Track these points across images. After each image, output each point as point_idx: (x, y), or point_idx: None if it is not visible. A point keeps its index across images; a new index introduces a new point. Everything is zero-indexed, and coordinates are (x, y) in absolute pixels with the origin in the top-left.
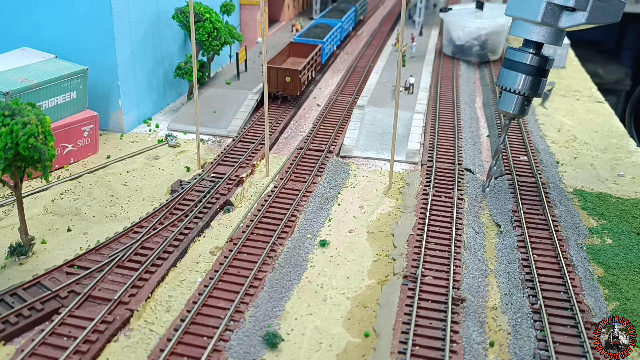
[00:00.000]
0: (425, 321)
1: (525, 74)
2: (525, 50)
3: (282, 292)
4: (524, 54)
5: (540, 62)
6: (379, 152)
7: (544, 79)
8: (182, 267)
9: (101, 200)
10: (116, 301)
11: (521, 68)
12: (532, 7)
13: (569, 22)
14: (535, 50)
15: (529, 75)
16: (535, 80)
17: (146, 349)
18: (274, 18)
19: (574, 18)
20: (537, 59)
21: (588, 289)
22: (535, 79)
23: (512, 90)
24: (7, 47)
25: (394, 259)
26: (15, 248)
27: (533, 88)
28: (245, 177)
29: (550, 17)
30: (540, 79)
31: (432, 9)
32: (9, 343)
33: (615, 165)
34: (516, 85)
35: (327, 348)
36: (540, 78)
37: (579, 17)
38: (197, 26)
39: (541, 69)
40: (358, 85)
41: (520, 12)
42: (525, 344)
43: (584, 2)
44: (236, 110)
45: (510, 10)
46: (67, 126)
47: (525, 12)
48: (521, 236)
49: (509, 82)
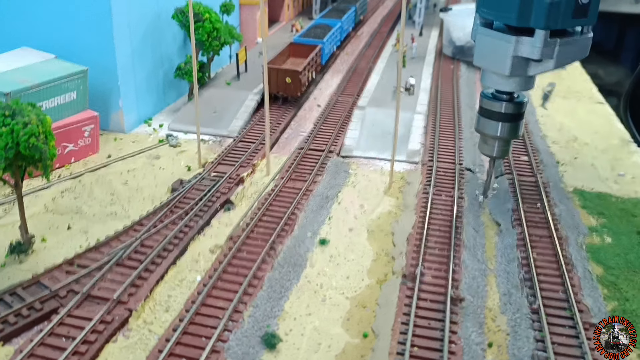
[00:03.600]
0: (424, 321)
1: (502, 122)
2: (499, 97)
3: (281, 292)
4: (499, 102)
5: (515, 109)
6: (379, 152)
7: (521, 121)
8: (181, 265)
9: (101, 199)
10: (115, 301)
11: (497, 117)
12: (499, 61)
13: (537, 70)
14: (508, 97)
15: (506, 122)
16: (513, 125)
17: (145, 350)
18: (274, 18)
19: (541, 66)
20: (511, 106)
21: (587, 288)
22: (513, 124)
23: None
24: (8, 47)
25: (393, 257)
26: (16, 246)
27: (511, 132)
28: (246, 177)
29: (518, 69)
30: (517, 123)
31: (432, 9)
32: (7, 343)
33: (616, 164)
34: (495, 132)
35: (326, 349)
36: (517, 122)
37: (546, 65)
38: (197, 26)
39: (517, 114)
40: (359, 86)
41: (488, 64)
42: (524, 344)
43: (550, 51)
44: (237, 110)
45: (478, 61)
46: (68, 126)
47: (492, 64)
48: (521, 235)
49: (487, 130)
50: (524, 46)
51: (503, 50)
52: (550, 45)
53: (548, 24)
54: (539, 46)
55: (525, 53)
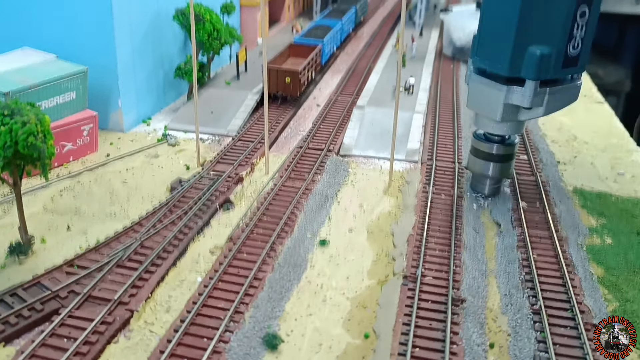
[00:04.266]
0: (425, 322)
1: (494, 162)
2: (491, 139)
3: (282, 293)
4: (490, 144)
5: (506, 150)
6: (378, 151)
7: (511, 161)
8: (182, 266)
9: (101, 198)
10: (116, 301)
11: (489, 157)
12: (491, 107)
13: (528, 116)
14: (500, 138)
15: (497, 162)
16: (504, 165)
17: (146, 351)
18: (275, 19)
19: (532, 113)
20: (503, 148)
21: (588, 289)
22: (504, 164)
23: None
24: (9, 47)
25: (393, 258)
26: (15, 247)
27: (503, 172)
28: (245, 175)
29: (509, 115)
30: (508, 163)
31: (432, 10)
32: (9, 344)
33: (615, 164)
34: (486, 172)
35: (327, 349)
36: (508, 162)
37: (537, 112)
38: (197, 27)
39: (508, 155)
40: (358, 85)
41: (480, 109)
42: (525, 345)
43: (540, 100)
44: (236, 110)
45: (471, 105)
46: (67, 125)
47: (485, 110)
48: (521, 235)
49: (478, 169)
50: (514, 95)
51: (495, 98)
52: (540, 95)
53: (538, 75)
54: (529, 96)
55: (516, 101)
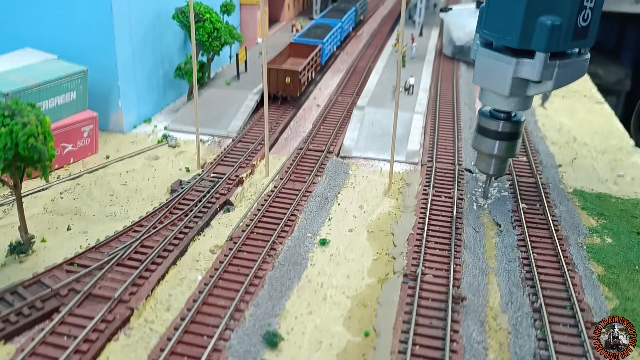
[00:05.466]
0: (426, 320)
1: (500, 140)
2: (497, 116)
3: (282, 291)
4: (496, 121)
5: (512, 128)
6: (378, 152)
7: (518, 140)
8: (182, 265)
9: (101, 199)
10: (116, 300)
11: (495, 135)
12: (499, 81)
13: (536, 91)
14: (506, 116)
15: (503, 141)
16: (510, 143)
17: (146, 348)
18: (274, 18)
19: (541, 87)
20: (509, 125)
21: (588, 288)
22: (510, 143)
23: (488, 154)
24: (11, 48)
25: (394, 257)
26: (15, 246)
27: (508, 151)
28: (245, 177)
29: (517, 90)
30: (514, 142)
31: (432, 9)
32: (9, 342)
33: (615, 165)
34: (492, 150)
35: (327, 347)
36: (514, 141)
37: (546, 86)
38: (197, 26)
39: (514, 133)
40: (358, 85)
41: (487, 84)
42: (525, 343)
43: (549, 73)
44: (236, 110)
45: (478, 81)
46: (67, 126)
47: (492, 84)
48: (521, 235)
49: (484, 148)
50: (524, 68)
51: (503, 71)
52: (550, 67)
53: (549, 47)
54: (539, 68)
55: (525, 74)
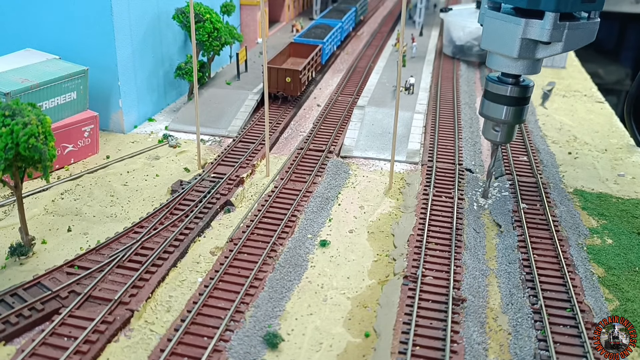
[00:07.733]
0: (426, 321)
1: (508, 105)
2: (505, 81)
3: (283, 292)
4: (504, 86)
5: (520, 92)
6: (379, 152)
7: (526, 105)
8: (182, 267)
9: (101, 200)
10: (116, 301)
11: (503, 100)
12: (507, 43)
13: (546, 53)
14: (514, 80)
15: (511, 106)
16: (518, 109)
17: (146, 349)
18: (274, 18)
19: (550, 49)
20: (517, 90)
21: (589, 289)
22: (518, 108)
23: (496, 121)
24: (12, 49)
25: (394, 259)
26: (16, 248)
27: (516, 116)
28: (246, 177)
29: (526, 52)
30: (522, 107)
31: (432, 9)
32: (9, 343)
33: (616, 165)
34: (500, 116)
35: (328, 348)
36: (522, 106)
37: (555, 48)
38: (197, 26)
39: (522, 98)
40: (358, 85)
41: (495, 46)
42: (525, 344)
43: (559, 34)
44: (236, 110)
45: (485, 44)
46: (68, 126)
47: (500, 47)
48: (521, 236)
49: (492, 113)
50: (533, 28)
51: (512, 33)
52: (560, 28)
53: (558, 7)
54: (549, 28)
55: (535, 35)
